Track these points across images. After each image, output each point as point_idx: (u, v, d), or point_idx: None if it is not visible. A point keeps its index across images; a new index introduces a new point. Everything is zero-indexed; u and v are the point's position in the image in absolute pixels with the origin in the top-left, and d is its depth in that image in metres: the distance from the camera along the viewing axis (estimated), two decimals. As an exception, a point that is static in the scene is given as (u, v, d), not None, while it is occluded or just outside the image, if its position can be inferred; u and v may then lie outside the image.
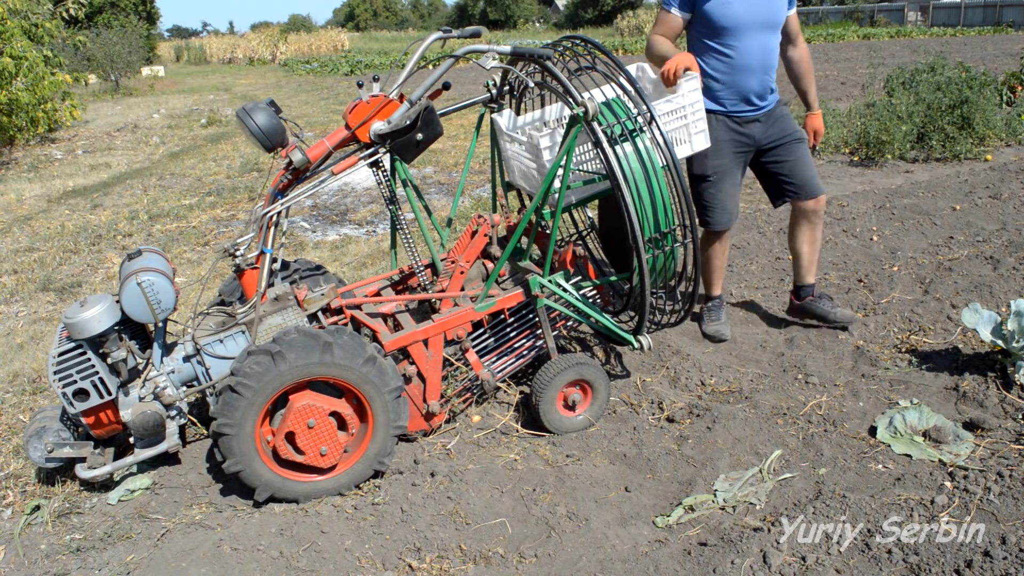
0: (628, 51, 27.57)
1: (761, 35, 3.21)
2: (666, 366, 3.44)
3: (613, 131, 2.68)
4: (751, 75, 3.25)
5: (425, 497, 2.58)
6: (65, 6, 17.00)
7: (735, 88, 3.27)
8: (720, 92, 3.29)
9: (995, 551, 2.10)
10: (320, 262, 4.83)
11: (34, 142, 11.31)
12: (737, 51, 3.21)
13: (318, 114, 13.24)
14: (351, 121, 2.67)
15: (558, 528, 2.42)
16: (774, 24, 3.25)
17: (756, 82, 3.26)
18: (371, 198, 7.00)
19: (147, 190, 7.75)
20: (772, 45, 3.28)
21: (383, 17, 76.62)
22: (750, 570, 2.16)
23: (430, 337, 2.80)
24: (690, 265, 2.92)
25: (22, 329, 4.27)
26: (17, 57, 9.41)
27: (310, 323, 2.76)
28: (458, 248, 3.14)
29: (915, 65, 9.11)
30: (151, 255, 2.71)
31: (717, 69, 3.26)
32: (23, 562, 2.38)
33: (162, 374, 2.65)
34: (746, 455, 2.75)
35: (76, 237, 6.02)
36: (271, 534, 2.41)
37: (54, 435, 2.63)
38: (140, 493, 2.68)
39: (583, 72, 2.99)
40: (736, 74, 3.24)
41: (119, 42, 21.42)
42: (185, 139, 11.26)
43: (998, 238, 4.79)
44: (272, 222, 2.69)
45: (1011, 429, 2.75)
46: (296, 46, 39.19)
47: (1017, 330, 3.03)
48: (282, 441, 2.48)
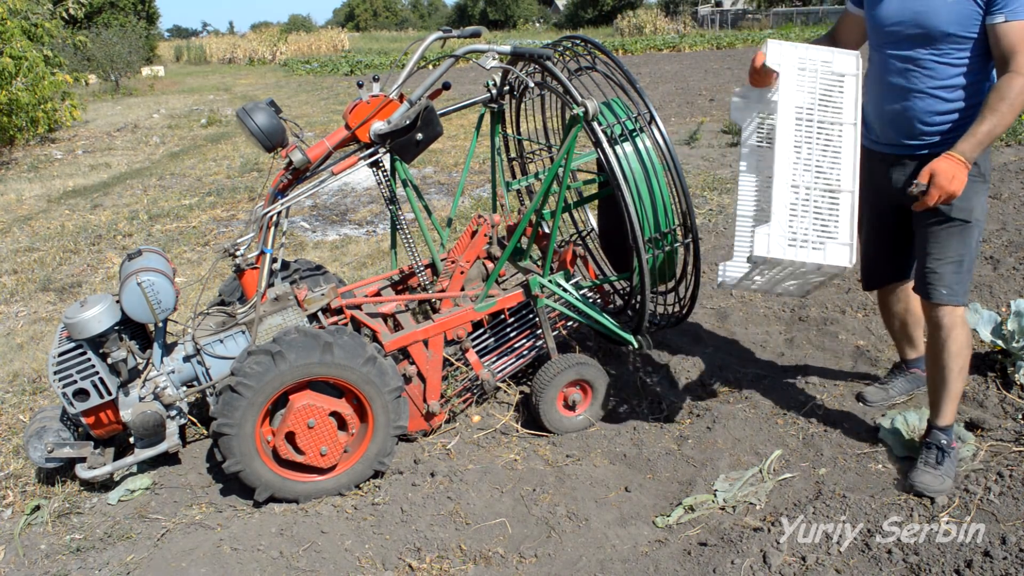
0: (628, 51, 27.55)
1: (895, 46, 2.39)
2: (666, 366, 3.44)
3: (613, 131, 2.68)
4: (869, 97, 2.49)
5: (425, 497, 2.58)
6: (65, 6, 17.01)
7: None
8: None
9: (995, 551, 2.10)
10: (320, 262, 4.83)
11: (34, 142, 11.31)
12: (872, 64, 2.50)
13: (318, 114, 13.24)
14: (351, 121, 2.67)
15: (558, 528, 2.42)
16: (917, 33, 2.31)
17: (872, 108, 2.50)
18: (371, 198, 7.00)
19: (147, 190, 7.74)
20: (910, 63, 2.34)
21: (383, 17, 76.61)
22: (750, 570, 2.16)
23: (430, 337, 2.80)
24: (690, 265, 2.92)
25: (22, 329, 4.27)
26: (17, 57, 9.42)
27: (310, 323, 2.76)
28: (458, 248, 3.14)
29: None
30: (151, 255, 2.71)
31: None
32: (23, 562, 2.38)
33: (162, 374, 2.65)
34: (746, 455, 2.75)
35: (76, 237, 6.02)
36: (271, 534, 2.41)
37: (54, 435, 2.63)
38: (140, 493, 2.68)
39: (583, 72, 2.99)
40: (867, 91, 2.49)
41: (119, 42, 21.44)
42: (185, 139, 11.26)
43: (998, 238, 4.79)
44: (272, 222, 2.69)
45: (1011, 429, 2.75)
46: (296, 46, 39.18)
47: (1017, 330, 3.03)
48: (282, 441, 2.48)
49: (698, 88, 14.16)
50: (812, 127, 2.29)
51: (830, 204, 2.27)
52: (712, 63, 20.12)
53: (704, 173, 6.99)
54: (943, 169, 2.17)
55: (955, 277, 2.42)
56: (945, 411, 2.52)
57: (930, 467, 2.47)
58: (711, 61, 20.92)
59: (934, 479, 2.44)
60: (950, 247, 2.41)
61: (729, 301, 4.14)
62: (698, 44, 28.33)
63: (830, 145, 2.28)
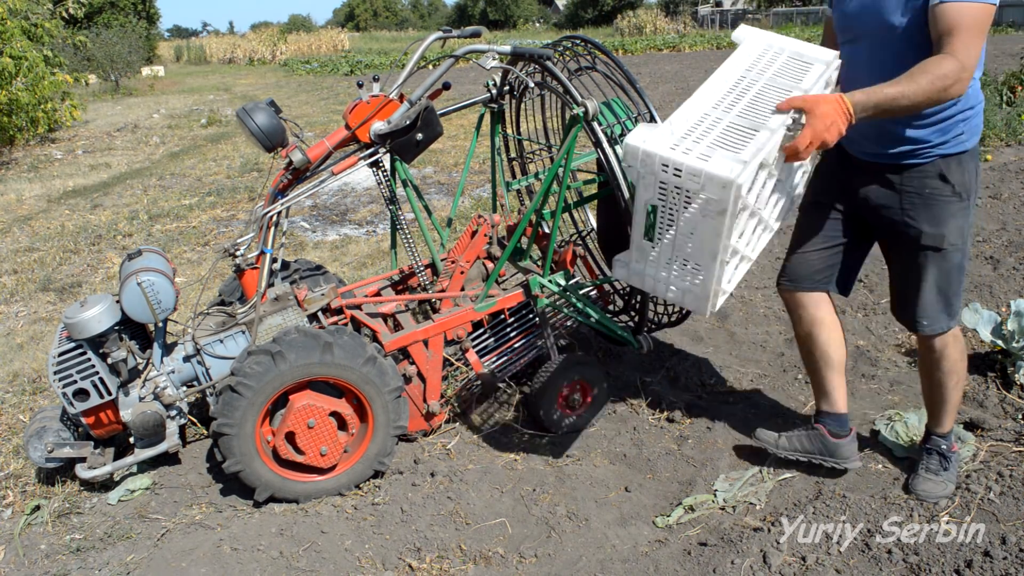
0: (628, 51, 27.56)
1: (852, 44, 2.25)
2: (666, 366, 3.44)
3: (613, 131, 2.68)
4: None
5: (425, 497, 2.58)
6: (65, 6, 17.00)
7: None
8: None
9: (995, 551, 2.10)
10: (320, 262, 4.82)
11: (34, 142, 11.30)
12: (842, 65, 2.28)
13: (318, 114, 13.24)
14: (351, 121, 2.67)
15: (558, 528, 2.42)
16: (872, 30, 2.15)
17: None
18: (371, 198, 7.00)
19: (147, 190, 7.74)
20: (873, 63, 2.15)
21: (383, 17, 76.62)
22: (750, 570, 2.16)
23: (430, 337, 2.80)
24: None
25: (22, 329, 4.26)
26: (17, 57, 9.41)
27: (310, 323, 2.76)
28: (458, 248, 3.14)
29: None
30: (151, 255, 2.71)
31: None
32: (23, 562, 2.38)
33: (162, 374, 2.65)
34: (746, 455, 2.75)
35: (76, 237, 6.02)
36: (271, 534, 2.41)
37: (54, 435, 2.63)
38: (140, 493, 2.68)
39: (583, 72, 2.99)
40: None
41: (119, 42, 21.43)
42: (185, 139, 11.26)
43: (998, 238, 4.79)
44: (272, 222, 2.69)
45: (1011, 429, 2.75)
46: (296, 46, 39.18)
47: (1017, 330, 3.03)
48: (282, 441, 2.48)
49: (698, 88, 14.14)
50: (755, 87, 2.08)
51: (742, 135, 1.96)
52: (712, 63, 20.10)
53: (704, 173, 6.98)
54: (823, 111, 1.88)
55: (936, 307, 2.25)
56: (944, 420, 2.48)
57: (931, 473, 2.45)
58: (711, 61, 20.93)
59: (936, 486, 2.43)
60: (926, 276, 2.23)
61: (729, 301, 4.14)
62: (698, 44, 28.36)
63: (769, 105, 2.02)
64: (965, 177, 2.18)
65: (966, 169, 2.18)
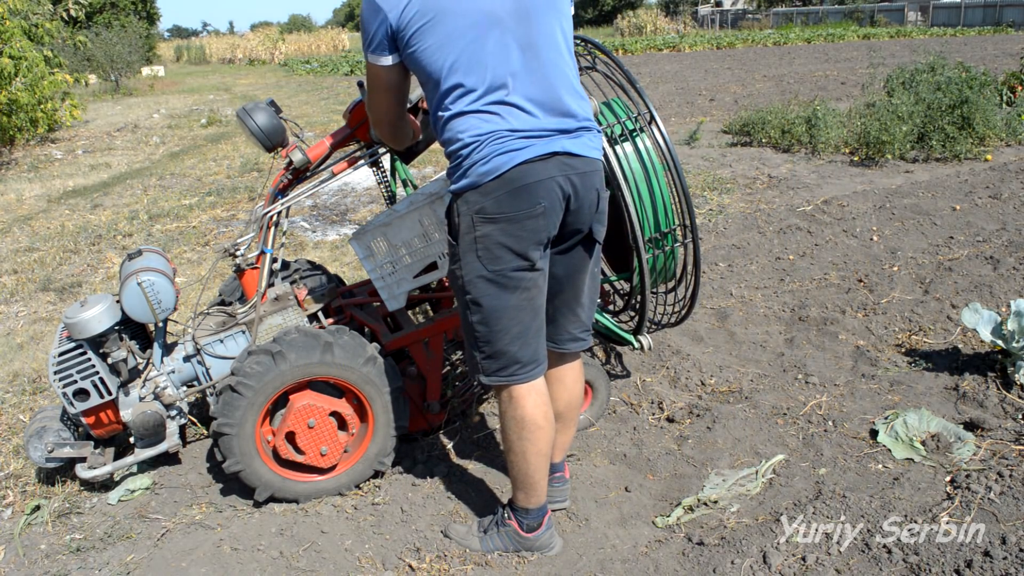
0: (628, 51, 27.57)
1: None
2: (666, 366, 3.44)
3: (613, 131, 2.68)
4: None
5: (425, 497, 2.58)
6: (65, 6, 17.00)
7: None
8: None
9: (995, 551, 2.10)
10: (320, 262, 4.82)
11: (34, 142, 11.30)
12: None
13: (318, 114, 13.23)
14: (351, 121, 2.67)
15: (558, 528, 2.42)
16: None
17: None
18: (371, 198, 7.00)
19: (147, 190, 7.74)
20: None
21: (383, 17, 76.35)
22: (750, 570, 2.16)
23: (430, 337, 2.80)
24: (690, 265, 2.92)
25: (22, 329, 4.27)
26: (17, 57, 9.41)
27: (310, 323, 2.76)
28: (458, 248, 3.14)
29: (915, 65, 9.11)
30: (151, 255, 2.71)
31: None
32: (23, 562, 2.38)
33: (162, 374, 2.65)
34: (746, 455, 2.75)
35: (76, 237, 6.02)
36: (271, 534, 2.41)
37: (54, 435, 2.63)
38: (140, 493, 2.68)
39: (583, 72, 2.99)
40: None
41: (119, 42, 21.40)
42: (185, 139, 11.26)
43: (998, 238, 4.79)
44: (272, 222, 2.69)
45: (1011, 429, 2.75)
46: (296, 46, 39.20)
47: (1017, 330, 3.03)
48: (282, 441, 2.48)
49: (698, 88, 14.16)
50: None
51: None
52: (712, 63, 20.13)
53: (704, 173, 6.99)
54: None
55: (469, 352, 2.10)
56: (514, 487, 2.22)
57: (478, 528, 2.33)
58: (711, 61, 20.94)
59: (467, 533, 2.33)
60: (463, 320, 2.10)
61: (729, 301, 4.14)
62: (698, 44, 28.36)
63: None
64: (460, 215, 1.99)
65: (451, 205, 2.02)
